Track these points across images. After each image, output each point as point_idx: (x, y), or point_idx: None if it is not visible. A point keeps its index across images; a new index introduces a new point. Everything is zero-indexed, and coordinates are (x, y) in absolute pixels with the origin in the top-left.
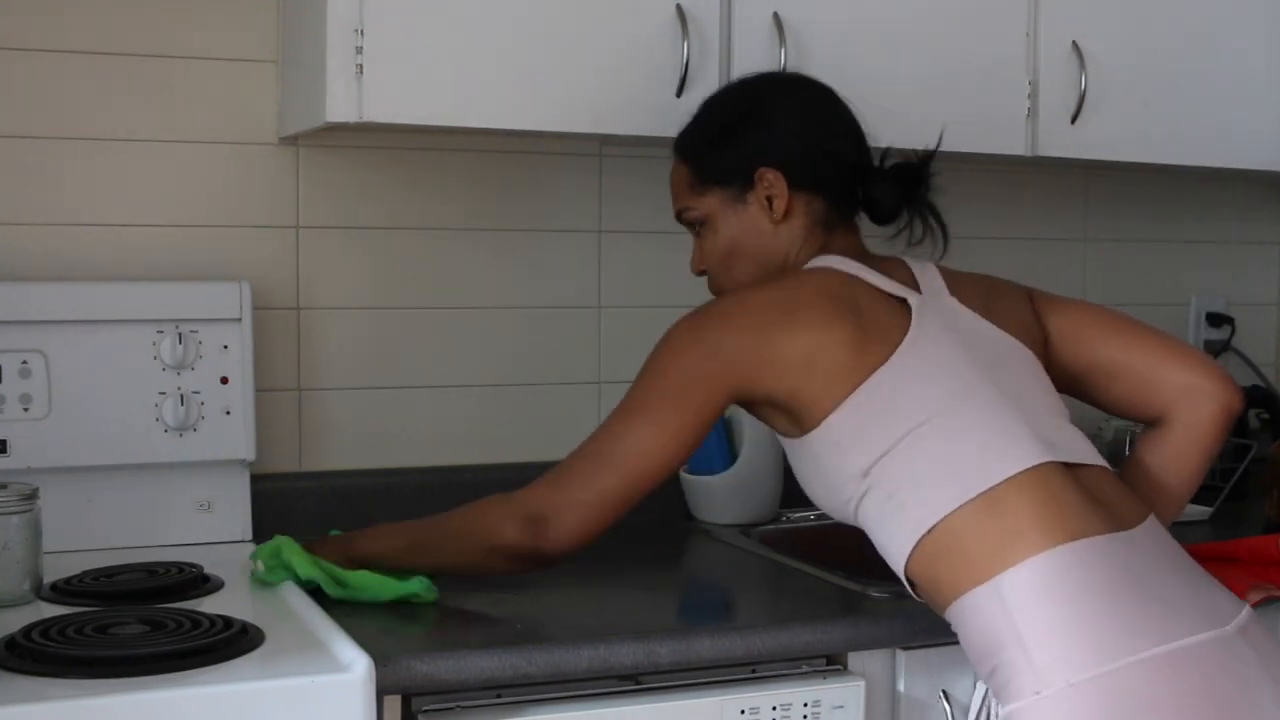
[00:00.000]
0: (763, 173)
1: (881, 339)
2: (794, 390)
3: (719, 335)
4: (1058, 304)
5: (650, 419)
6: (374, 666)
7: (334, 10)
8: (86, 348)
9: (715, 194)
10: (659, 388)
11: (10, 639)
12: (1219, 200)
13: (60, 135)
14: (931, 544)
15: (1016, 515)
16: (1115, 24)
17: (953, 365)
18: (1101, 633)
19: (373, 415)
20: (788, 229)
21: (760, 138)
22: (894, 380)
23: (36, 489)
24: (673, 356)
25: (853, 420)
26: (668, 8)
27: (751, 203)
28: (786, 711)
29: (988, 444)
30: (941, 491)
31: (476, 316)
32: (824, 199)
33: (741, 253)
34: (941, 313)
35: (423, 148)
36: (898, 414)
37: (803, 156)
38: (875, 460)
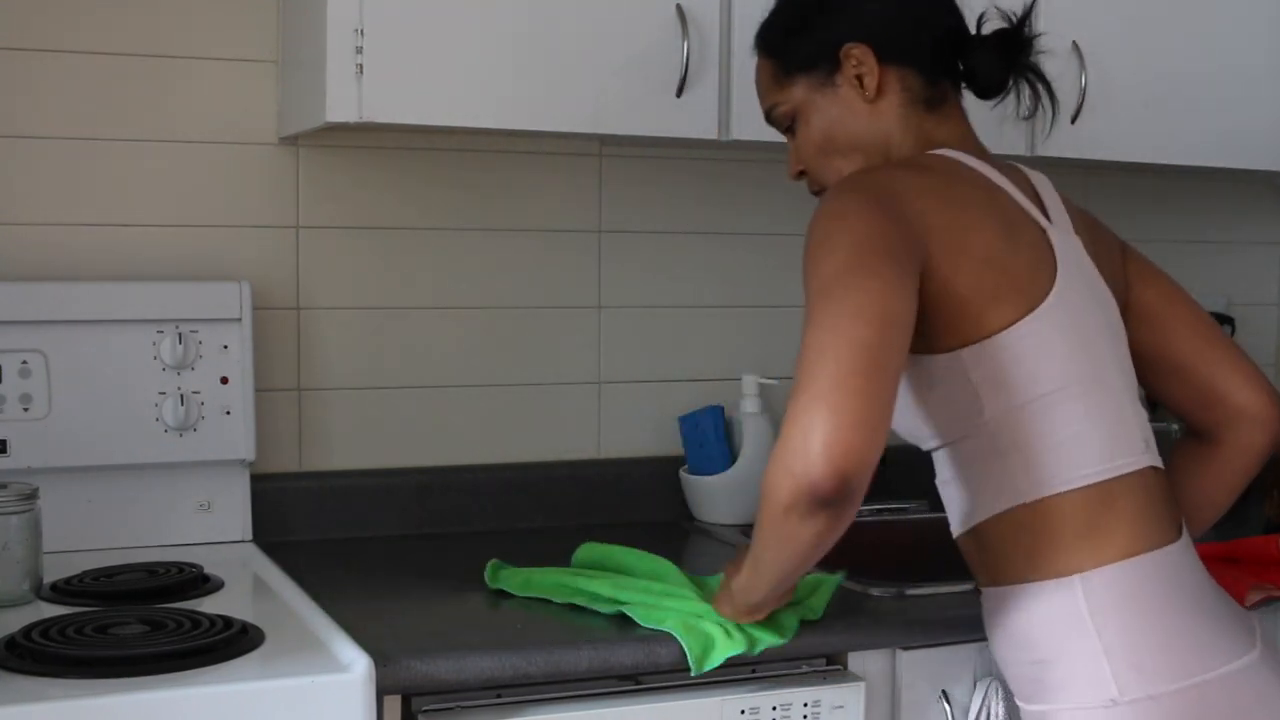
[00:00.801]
0: (849, 49)
1: (1036, 269)
2: (966, 293)
3: (890, 197)
4: (1149, 273)
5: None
6: (374, 666)
7: (334, 10)
8: (86, 348)
9: (802, 82)
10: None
11: (10, 639)
12: (1219, 200)
13: (60, 135)
14: (1021, 516)
15: (1120, 514)
16: (1115, 24)
17: (1091, 330)
18: (1179, 648)
19: (373, 415)
20: (884, 108)
21: (841, 14)
22: (1046, 328)
23: (36, 489)
24: (846, 219)
25: (997, 359)
26: (668, 8)
27: (841, 84)
28: (786, 711)
29: (1108, 433)
30: (1057, 468)
31: (476, 316)
32: (919, 73)
33: (839, 140)
34: (1074, 255)
35: (423, 148)
36: (1040, 370)
37: (889, 27)
38: (1004, 411)
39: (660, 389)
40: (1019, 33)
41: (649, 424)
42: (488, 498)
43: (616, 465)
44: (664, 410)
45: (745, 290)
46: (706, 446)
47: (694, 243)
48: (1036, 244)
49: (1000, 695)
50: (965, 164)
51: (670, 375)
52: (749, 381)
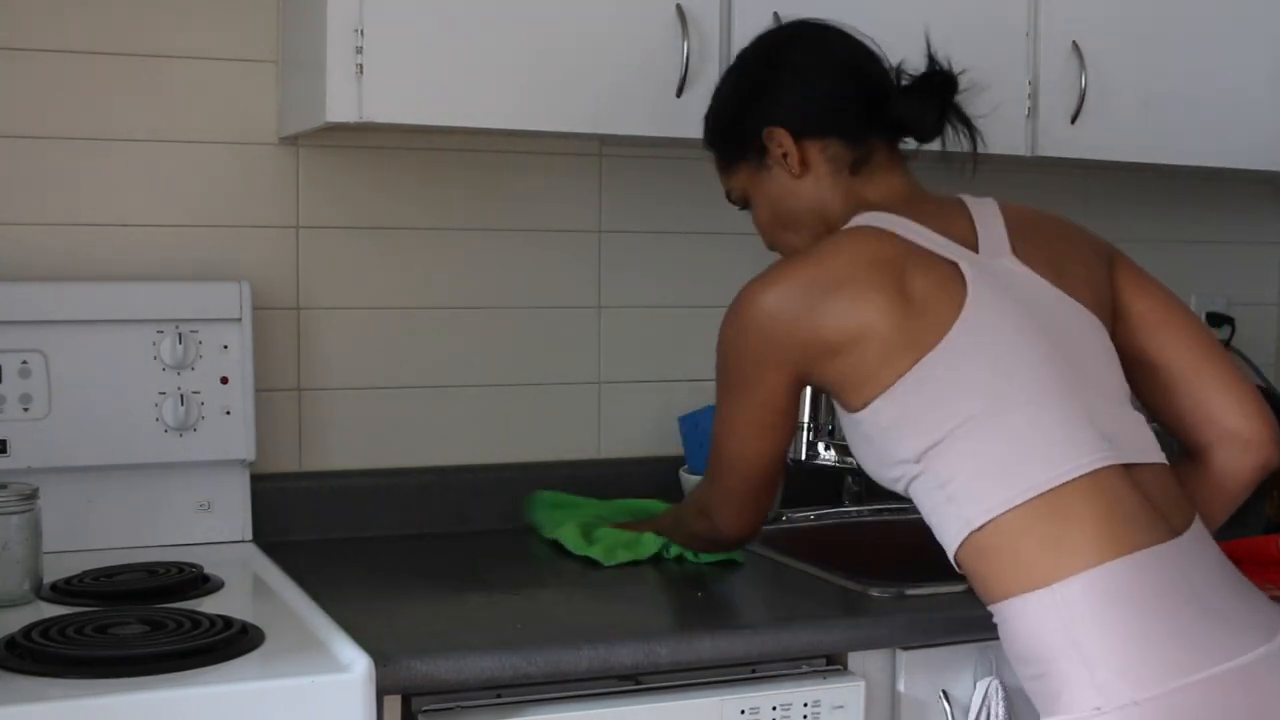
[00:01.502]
0: (768, 134)
1: (933, 313)
2: (842, 372)
3: (769, 321)
4: (1144, 284)
5: (740, 409)
6: (374, 666)
7: (334, 10)
8: (86, 348)
9: (741, 169)
10: (733, 378)
11: (10, 639)
12: (1219, 200)
13: (60, 135)
14: (981, 540)
15: (1079, 521)
16: (1115, 24)
17: (1013, 345)
18: (1164, 650)
19: (373, 415)
20: (813, 181)
21: (757, 104)
22: (949, 361)
23: (36, 489)
24: (733, 346)
25: (902, 405)
26: (668, 8)
27: (771, 166)
28: (786, 711)
29: (1047, 441)
30: (996, 489)
31: (476, 316)
32: (841, 139)
33: (783, 216)
34: (1000, 277)
35: (423, 148)
36: (952, 400)
37: (801, 107)
38: (927, 449)
39: (660, 389)
40: (936, 74)
41: (649, 424)
42: (488, 498)
43: (616, 465)
44: (664, 410)
45: None
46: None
47: (694, 243)
48: (943, 286)
49: (1000, 695)
50: (878, 230)
51: (670, 375)
52: None
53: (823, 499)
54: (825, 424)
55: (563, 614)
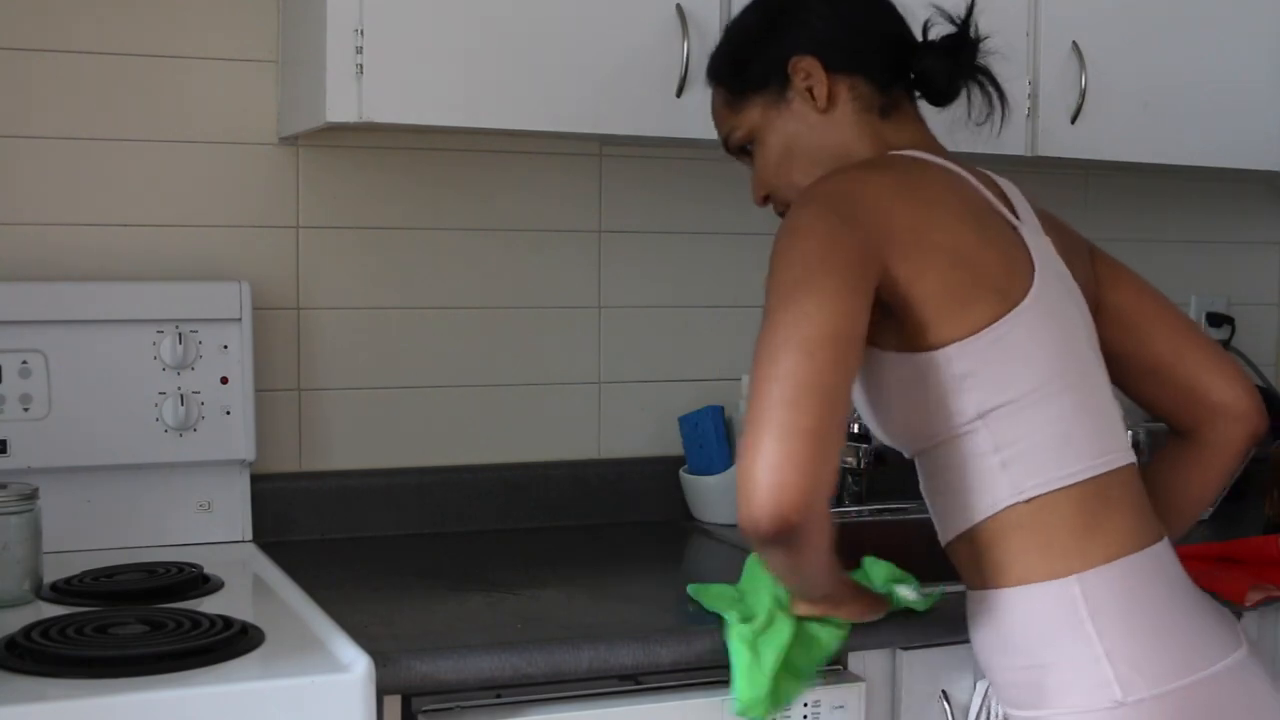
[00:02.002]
0: (795, 63)
1: (1014, 265)
2: (935, 293)
3: (852, 205)
4: (1120, 276)
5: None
6: (374, 666)
7: (334, 10)
8: (86, 348)
9: (755, 103)
10: (798, 264)
11: (10, 639)
12: (1219, 200)
13: (61, 135)
14: (1019, 514)
15: (1118, 510)
16: (1115, 24)
17: (1072, 323)
18: (1177, 646)
19: (373, 415)
20: (838, 118)
21: (786, 31)
22: (1033, 322)
23: (36, 489)
24: (806, 235)
25: (988, 355)
26: (668, 8)
27: (793, 99)
28: (786, 712)
29: (1096, 427)
30: (1051, 464)
31: (476, 316)
32: (869, 81)
33: (796, 155)
34: (1049, 255)
35: (423, 148)
36: (1034, 363)
37: (835, 37)
38: (998, 405)
39: (660, 389)
40: (964, 35)
41: (649, 424)
42: (488, 498)
43: (616, 465)
44: (664, 410)
45: (745, 290)
46: (706, 446)
47: (694, 243)
48: (1010, 241)
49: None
50: (931, 161)
51: (670, 375)
52: (749, 381)
53: None
54: None
55: (563, 614)
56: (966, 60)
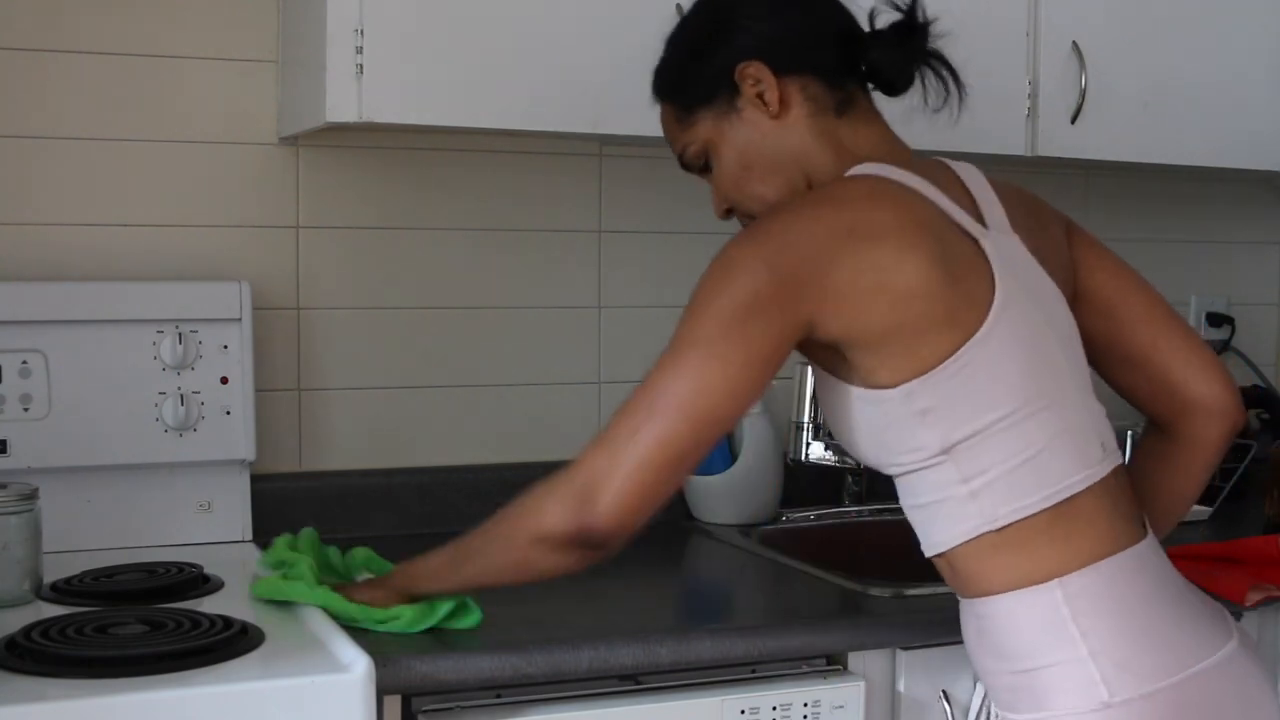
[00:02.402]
0: (742, 69)
1: (971, 291)
2: (878, 336)
3: (789, 255)
4: (1098, 259)
5: (711, 354)
6: (374, 666)
7: (334, 10)
8: (86, 348)
9: (704, 117)
10: (718, 317)
11: (10, 639)
12: (1219, 200)
13: (61, 135)
14: (996, 538)
15: (1090, 520)
16: (1115, 24)
17: (1037, 341)
18: (1163, 644)
19: (373, 415)
20: (792, 122)
21: (728, 38)
22: (991, 351)
23: (36, 489)
24: (732, 279)
25: (945, 390)
26: (668, 8)
27: (744, 107)
28: (786, 711)
29: (1070, 447)
30: (1023, 492)
31: (476, 316)
32: (820, 79)
33: (754, 165)
34: (1014, 263)
35: (423, 148)
36: (993, 394)
37: (778, 38)
38: (962, 440)
39: None
40: (912, 21)
41: None
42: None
43: None
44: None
45: None
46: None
47: (694, 243)
48: (968, 263)
49: None
50: (890, 180)
51: None
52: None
53: (823, 499)
54: (825, 423)
55: (563, 614)
56: (917, 47)
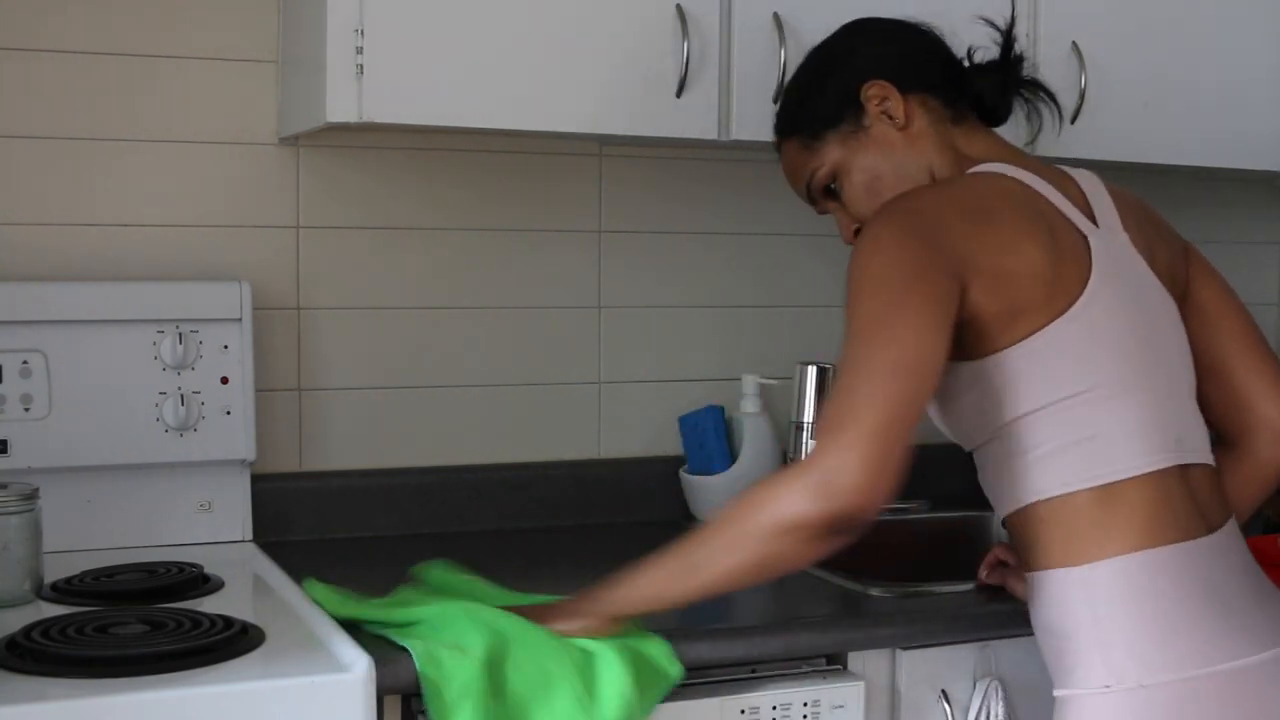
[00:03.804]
0: (867, 88)
1: (1067, 278)
2: (997, 311)
3: (939, 230)
4: (1211, 277)
5: (899, 316)
6: (374, 666)
7: (334, 10)
8: (87, 348)
9: (832, 140)
10: (889, 286)
11: (10, 639)
12: (1219, 200)
13: (61, 135)
14: (1043, 510)
15: (1130, 511)
16: (1115, 24)
17: (1121, 330)
18: (1179, 641)
19: (373, 415)
20: (917, 134)
21: (849, 63)
22: (1066, 336)
23: (36, 489)
24: (892, 254)
25: (1015, 368)
26: (668, 8)
27: (870, 125)
28: (786, 711)
29: (1127, 435)
30: (1075, 470)
31: (476, 316)
32: (935, 95)
33: (885, 179)
34: (1117, 258)
35: (423, 148)
36: (1058, 376)
37: (899, 60)
38: (1023, 415)
39: (660, 389)
40: (1007, 56)
41: (649, 424)
42: (488, 498)
43: (616, 465)
44: (664, 410)
45: (745, 290)
46: (706, 446)
47: (694, 243)
48: (1075, 253)
49: (1000, 695)
50: (1008, 175)
51: (670, 375)
52: (749, 381)
53: None
54: None
55: None
56: (1014, 76)
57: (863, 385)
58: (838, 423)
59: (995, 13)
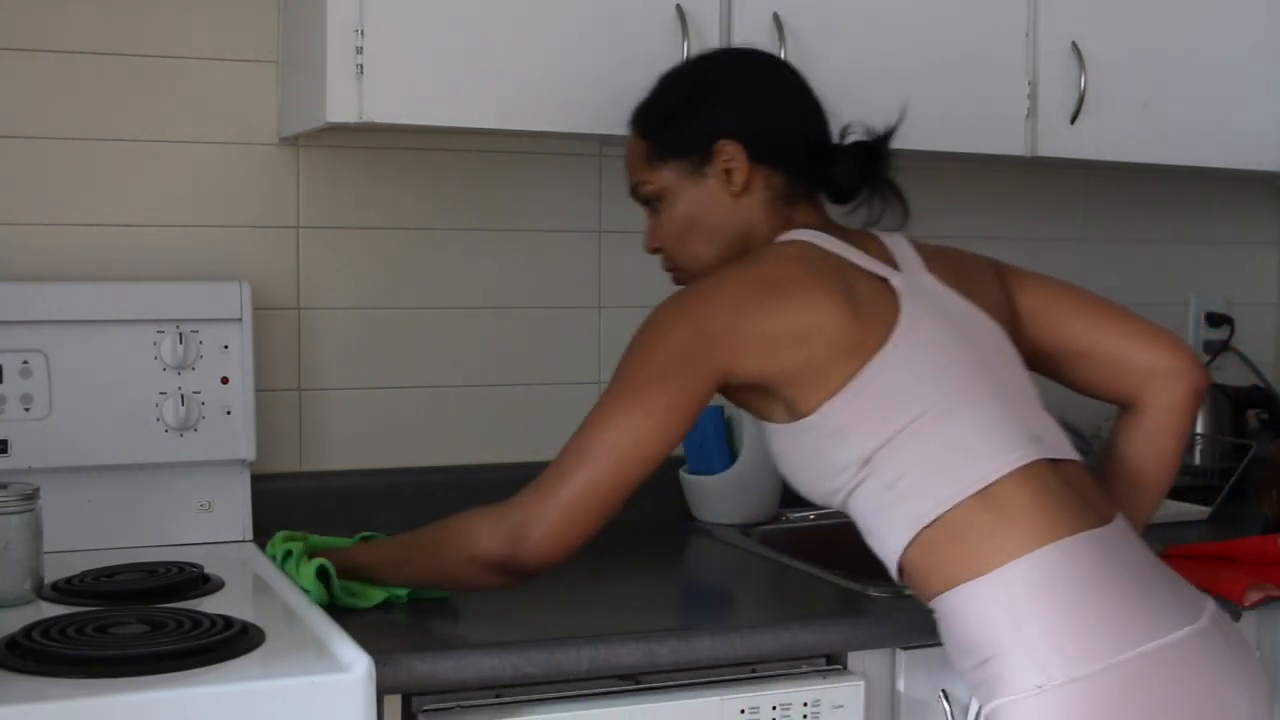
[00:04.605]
0: (722, 145)
1: (875, 319)
2: (791, 372)
3: (707, 312)
4: (1026, 281)
5: (637, 403)
6: (374, 666)
7: (334, 10)
8: (87, 348)
9: (672, 167)
10: (644, 370)
11: (11, 639)
12: (1219, 200)
13: (60, 135)
14: (931, 535)
15: (1018, 510)
16: (1115, 24)
17: (948, 352)
18: (1100, 628)
19: (373, 415)
20: (747, 202)
21: (720, 110)
22: (894, 365)
23: (37, 489)
24: (657, 336)
25: (853, 407)
26: (668, 8)
27: (710, 175)
28: (786, 711)
29: (984, 439)
30: (943, 485)
31: (476, 316)
32: (784, 174)
33: (699, 227)
34: (925, 293)
35: (423, 148)
36: (899, 402)
37: (763, 130)
38: (877, 449)
39: None
40: (878, 146)
41: None
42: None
43: None
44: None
45: None
46: (706, 446)
47: None
48: (878, 297)
49: None
50: (806, 241)
51: None
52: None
53: None
54: None
55: (563, 614)
56: (874, 172)
57: (576, 457)
58: (546, 482)
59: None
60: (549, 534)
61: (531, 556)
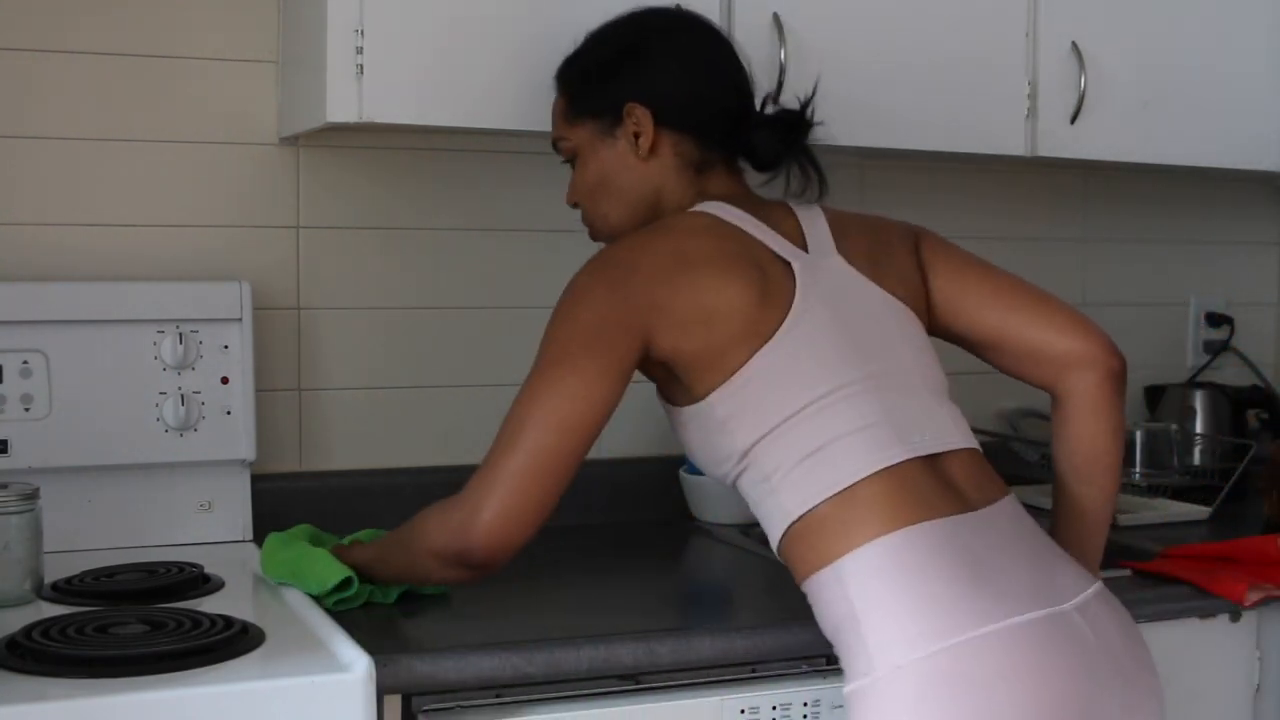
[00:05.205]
0: (631, 108)
1: (774, 306)
2: (692, 354)
3: (625, 279)
4: (940, 261)
5: (569, 369)
6: (374, 666)
7: (334, 10)
8: (87, 348)
9: (587, 126)
10: (571, 339)
11: (11, 639)
12: (1219, 200)
13: (60, 135)
14: (795, 529)
15: (868, 505)
16: (1115, 24)
17: (833, 345)
18: (930, 614)
19: (373, 415)
20: (655, 166)
21: (633, 74)
22: (778, 358)
23: (37, 489)
24: (581, 304)
25: (739, 397)
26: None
27: (619, 137)
28: (786, 711)
29: (855, 440)
30: (808, 484)
31: (476, 316)
32: (694, 141)
33: (609, 187)
34: (828, 278)
35: (423, 148)
36: (778, 398)
37: (673, 97)
38: (754, 442)
39: None
40: (798, 115)
41: (649, 424)
42: None
43: (616, 465)
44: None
45: None
46: None
47: None
48: (781, 283)
49: None
50: (715, 215)
51: None
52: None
53: None
54: None
55: (563, 614)
56: (795, 141)
57: (515, 431)
58: (488, 462)
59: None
60: (496, 515)
61: (482, 546)
